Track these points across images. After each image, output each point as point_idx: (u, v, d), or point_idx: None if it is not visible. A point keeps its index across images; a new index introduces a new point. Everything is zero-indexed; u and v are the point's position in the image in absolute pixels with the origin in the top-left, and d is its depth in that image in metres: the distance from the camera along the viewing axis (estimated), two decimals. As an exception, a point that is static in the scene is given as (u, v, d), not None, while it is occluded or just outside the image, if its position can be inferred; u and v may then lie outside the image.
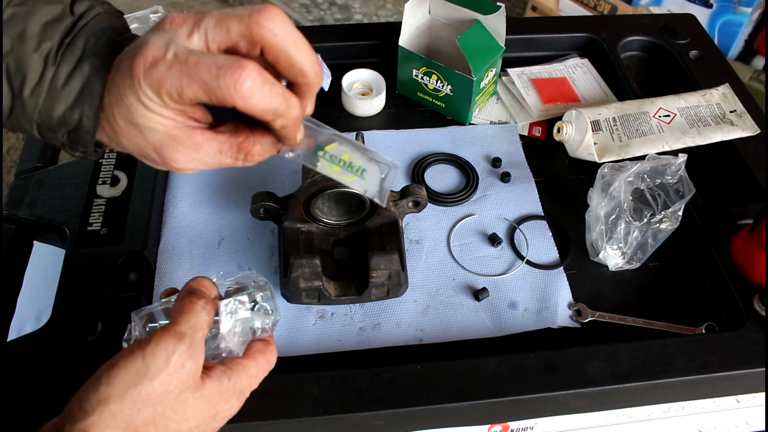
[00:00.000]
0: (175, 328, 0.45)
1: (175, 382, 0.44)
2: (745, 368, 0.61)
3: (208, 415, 0.47)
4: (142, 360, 0.43)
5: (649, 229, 0.69)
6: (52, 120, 0.45)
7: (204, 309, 0.48)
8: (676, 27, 0.99)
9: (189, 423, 0.46)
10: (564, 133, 0.82)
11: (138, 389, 0.43)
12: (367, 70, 0.91)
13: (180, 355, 0.44)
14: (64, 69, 0.44)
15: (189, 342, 0.45)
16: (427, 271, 0.72)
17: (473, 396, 0.59)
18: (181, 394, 0.45)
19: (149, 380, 0.43)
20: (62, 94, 0.44)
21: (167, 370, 0.44)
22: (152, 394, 0.43)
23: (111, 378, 0.43)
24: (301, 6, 2.25)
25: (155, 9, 0.92)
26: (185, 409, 0.45)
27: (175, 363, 0.44)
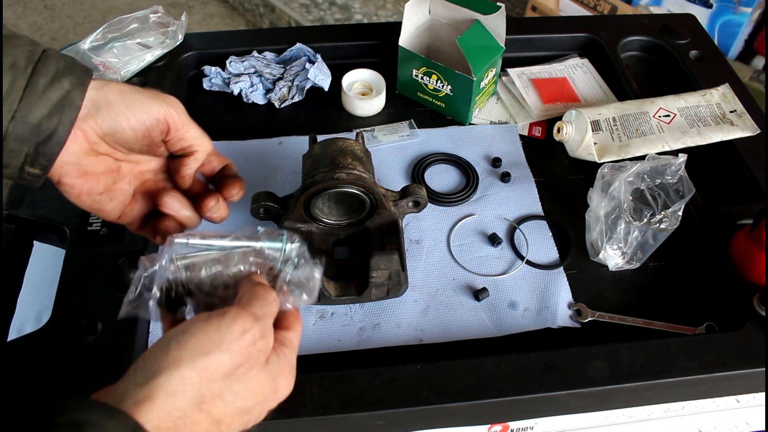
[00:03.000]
0: (251, 309, 0.45)
1: (246, 358, 0.43)
2: (745, 368, 0.61)
3: (270, 390, 0.46)
4: (217, 330, 0.43)
5: (649, 229, 0.69)
6: (26, 127, 0.47)
7: (275, 300, 0.48)
8: (676, 27, 0.99)
9: (254, 399, 0.45)
10: (564, 133, 0.82)
11: (210, 358, 0.42)
12: (367, 70, 0.91)
13: (254, 334, 0.44)
14: (41, 80, 0.48)
15: (264, 324, 0.45)
16: (427, 271, 0.72)
17: (473, 396, 0.59)
18: (251, 371, 0.44)
19: (222, 351, 0.42)
20: (40, 102, 0.47)
21: (240, 345, 0.43)
22: (223, 366, 0.42)
23: (182, 342, 0.42)
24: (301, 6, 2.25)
25: (155, 9, 0.92)
26: (253, 386, 0.45)
27: (249, 339, 0.43)
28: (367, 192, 0.68)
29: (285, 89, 0.89)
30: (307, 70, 0.89)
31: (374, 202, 0.69)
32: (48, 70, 0.48)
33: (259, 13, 2.36)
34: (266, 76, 0.90)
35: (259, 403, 0.46)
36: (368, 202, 0.69)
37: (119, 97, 0.51)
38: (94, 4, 2.45)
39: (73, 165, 0.51)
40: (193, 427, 0.41)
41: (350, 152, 0.70)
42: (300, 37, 0.95)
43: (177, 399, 0.40)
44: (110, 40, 0.88)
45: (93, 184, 0.53)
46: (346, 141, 0.71)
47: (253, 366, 0.44)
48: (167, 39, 0.90)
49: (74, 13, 2.42)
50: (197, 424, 0.41)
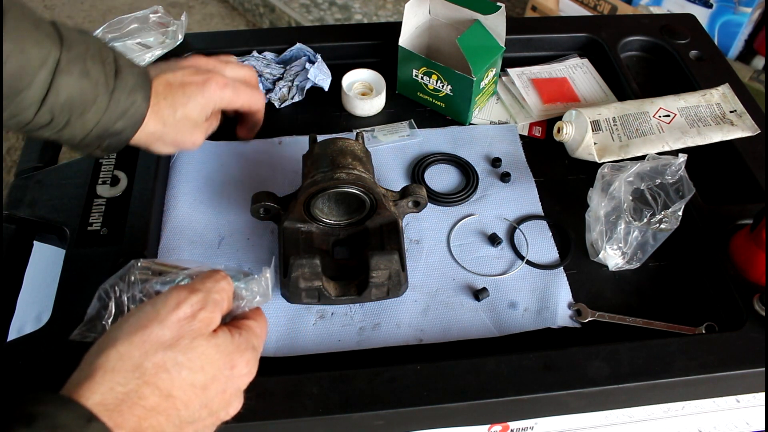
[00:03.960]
0: (191, 285, 0.46)
1: (186, 330, 0.43)
2: (745, 368, 0.62)
3: (224, 365, 0.46)
4: (152, 306, 0.43)
5: (649, 229, 0.69)
6: (104, 131, 0.59)
7: (225, 278, 0.48)
8: (676, 27, 0.99)
9: (204, 373, 0.44)
10: (564, 133, 0.82)
11: (147, 331, 0.42)
12: (367, 70, 0.91)
13: (192, 305, 0.44)
14: (122, 97, 0.59)
15: (203, 296, 0.45)
16: (427, 271, 0.72)
17: (473, 396, 0.59)
18: (194, 341, 0.44)
19: (159, 323, 0.43)
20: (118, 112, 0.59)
21: (177, 316, 0.43)
22: (162, 338, 0.42)
23: (120, 323, 0.43)
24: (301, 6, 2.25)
25: (155, 9, 0.92)
26: (199, 357, 0.44)
27: (186, 311, 0.44)
28: (367, 192, 0.68)
29: (285, 89, 0.89)
30: (307, 70, 0.89)
31: (374, 202, 0.69)
32: (126, 86, 0.59)
33: (259, 13, 2.36)
34: (266, 76, 0.90)
35: (213, 378, 0.45)
36: (368, 202, 0.69)
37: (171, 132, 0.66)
38: (94, 4, 2.45)
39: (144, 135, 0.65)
40: (142, 401, 0.40)
41: (350, 152, 0.70)
42: (300, 37, 0.95)
43: (117, 374, 0.40)
44: (110, 40, 0.88)
45: None
46: (346, 141, 0.71)
47: (196, 337, 0.44)
48: (167, 39, 0.90)
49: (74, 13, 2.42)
50: (145, 398, 0.41)
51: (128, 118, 0.60)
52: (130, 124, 0.60)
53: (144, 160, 0.78)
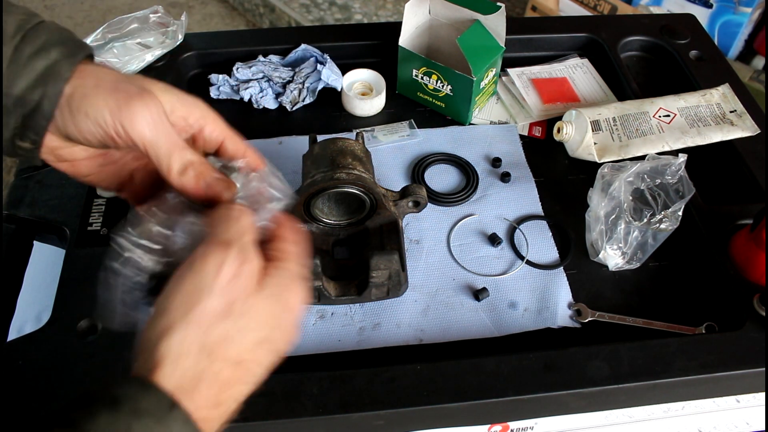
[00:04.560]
0: (218, 238, 0.41)
1: (236, 291, 0.40)
2: (745, 368, 0.62)
3: (280, 311, 0.43)
4: (192, 279, 0.40)
5: (649, 229, 0.69)
6: (9, 99, 0.44)
7: (242, 212, 0.44)
8: (676, 27, 0.99)
9: (267, 325, 0.42)
10: (564, 133, 0.82)
11: (199, 309, 0.39)
12: (367, 70, 0.91)
13: (231, 264, 0.40)
14: (26, 49, 0.44)
15: (238, 247, 0.41)
16: (427, 271, 0.72)
17: (473, 396, 0.59)
18: (248, 301, 0.41)
19: (208, 295, 0.40)
20: (24, 72, 0.44)
21: (221, 282, 0.40)
22: (216, 309, 0.40)
23: (166, 307, 0.40)
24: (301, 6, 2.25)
25: (155, 9, 0.92)
26: (258, 314, 0.41)
27: (228, 273, 0.40)
28: (367, 192, 0.68)
29: (296, 92, 0.89)
30: (319, 72, 0.89)
31: (374, 202, 0.69)
32: (37, 39, 0.45)
33: (259, 13, 2.36)
34: (275, 80, 0.90)
35: (275, 327, 0.43)
36: (368, 202, 0.69)
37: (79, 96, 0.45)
38: (94, 4, 2.45)
39: (48, 154, 0.48)
40: (217, 377, 0.39)
41: (350, 152, 0.70)
42: (300, 38, 0.95)
43: (185, 359, 0.39)
44: (110, 40, 0.88)
45: (76, 170, 0.50)
46: (346, 141, 0.71)
47: (248, 295, 0.41)
48: (167, 39, 0.90)
49: (74, 13, 2.42)
50: (219, 372, 0.39)
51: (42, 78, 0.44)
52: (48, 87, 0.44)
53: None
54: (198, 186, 0.46)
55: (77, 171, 0.51)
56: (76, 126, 0.45)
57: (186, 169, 0.46)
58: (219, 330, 0.40)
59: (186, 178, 0.46)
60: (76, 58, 0.45)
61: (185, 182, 0.46)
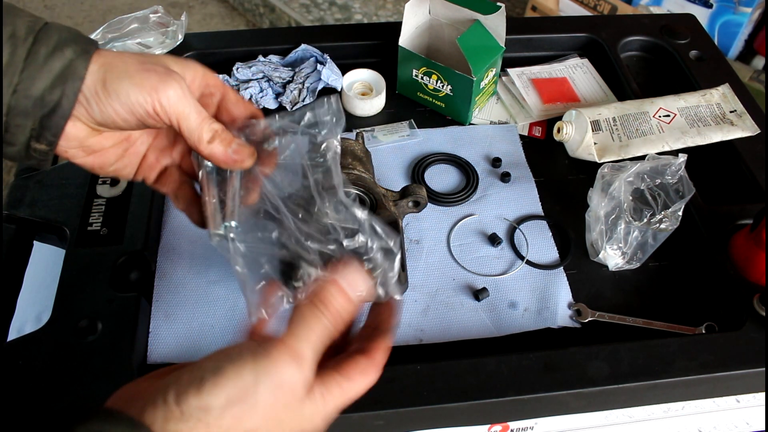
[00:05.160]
0: (295, 346, 0.40)
1: (279, 401, 0.39)
2: (745, 368, 0.62)
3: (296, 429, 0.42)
4: (254, 377, 0.39)
5: (649, 229, 0.69)
6: (29, 100, 0.45)
7: (330, 328, 0.42)
8: (676, 27, 0.99)
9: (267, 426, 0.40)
10: (564, 133, 0.82)
11: (242, 406, 0.38)
12: (367, 70, 0.91)
13: (292, 376, 0.39)
14: (41, 50, 0.45)
15: (307, 364, 0.40)
16: (427, 271, 0.72)
17: (473, 396, 0.59)
18: (281, 410, 0.40)
19: (253, 395, 0.38)
20: (42, 73, 0.45)
21: (274, 391, 0.39)
22: (253, 413, 0.39)
23: (216, 387, 0.38)
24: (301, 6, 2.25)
25: (155, 9, 0.92)
26: (280, 425, 0.40)
27: (285, 384, 0.39)
28: (367, 192, 0.68)
29: (296, 92, 0.89)
30: (319, 72, 0.89)
31: (374, 202, 0.69)
32: (49, 39, 0.45)
33: (259, 13, 2.36)
34: (275, 80, 0.90)
35: None
36: (368, 202, 0.69)
37: (113, 81, 0.47)
38: (94, 4, 2.45)
39: (77, 148, 0.49)
40: None
41: (350, 152, 0.70)
42: (300, 38, 0.95)
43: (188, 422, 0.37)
44: (110, 40, 0.88)
45: (103, 159, 0.51)
46: (346, 141, 0.71)
47: (287, 406, 0.40)
48: (167, 39, 0.90)
49: (74, 13, 2.42)
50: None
51: (60, 77, 0.45)
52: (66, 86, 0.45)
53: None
54: (225, 153, 0.49)
55: (104, 161, 0.52)
56: (115, 109, 0.47)
57: (214, 137, 0.48)
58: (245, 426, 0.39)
59: (214, 146, 0.49)
60: (89, 54, 0.46)
61: (214, 150, 0.49)
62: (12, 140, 0.46)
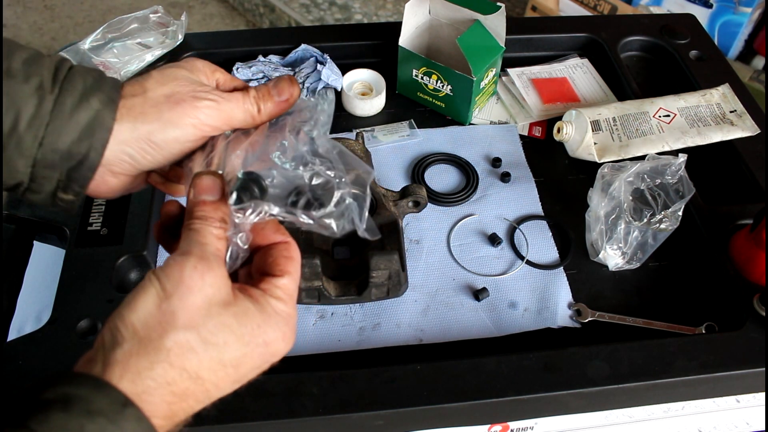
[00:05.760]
0: (181, 249, 0.41)
1: (198, 297, 0.39)
2: (745, 368, 0.61)
3: (254, 342, 0.41)
4: (158, 281, 0.39)
5: (649, 229, 0.69)
6: (56, 154, 0.45)
7: (204, 224, 0.42)
8: (676, 27, 0.99)
9: (232, 348, 0.40)
10: (564, 133, 0.82)
11: (160, 310, 0.38)
12: (367, 70, 0.91)
13: (194, 267, 0.39)
14: (68, 101, 0.44)
15: (199, 254, 0.40)
16: (427, 271, 0.72)
17: (473, 396, 0.59)
18: (210, 310, 0.39)
19: (167, 298, 0.39)
20: (69, 125, 0.44)
21: (184, 284, 0.39)
22: (176, 313, 0.38)
23: (132, 304, 0.39)
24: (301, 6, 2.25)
25: (155, 9, 0.92)
26: (222, 330, 0.39)
27: (191, 276, 0.39)
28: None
29: None
30: (319, 72, 0.89)
31: (374, 202, 0.69)
32: (75, 89, 0.45)
33: (259, 13, 2.36)
34: None
35: (246, 355, 0.41)
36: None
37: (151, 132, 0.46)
38: (94, 4, 2.45)
39: (96, 182, 0.48)
40: (171, 387, 0.38)
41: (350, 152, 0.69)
42: (300, 38, 0.95)
43: (141, 359, 0.38)
44: (110, 40, 0.88)
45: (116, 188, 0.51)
46: (346, 141, 0.71)
47: (212, 304, 0.40)
48: (167, 39, 0.90)
49: (74, 13, 2.42)
50: (174, 383, 0.38)
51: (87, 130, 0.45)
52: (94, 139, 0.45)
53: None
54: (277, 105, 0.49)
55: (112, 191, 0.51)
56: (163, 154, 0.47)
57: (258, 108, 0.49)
58: (178, 336, 0.38)
59: (265, 111, 0.49)
60: (115, 103, 0.46)
61: (269, 113, 0.49)
62: (38, 189, 0.47)
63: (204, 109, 0.47)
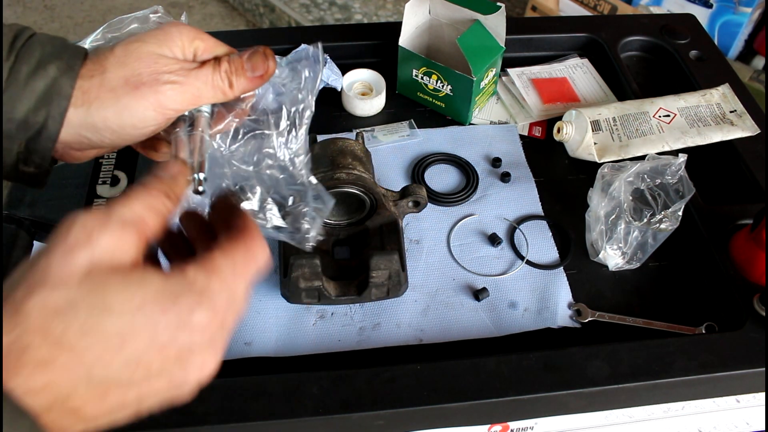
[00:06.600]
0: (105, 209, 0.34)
1: (81, 258, 0.31)
2: (745, 368, 0.61)
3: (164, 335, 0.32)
4: (48, 235, 0.33)
5: (649, 229, 0.69)
6: (12, 124, 0.42)
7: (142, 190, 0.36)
8: (676, 27, 0.99)
9: (118, 318, 0.31)
10: (564, 133, 0.82)
11: (33, 268, 0.31)
12: (367, 70, 0.91)
13: (83, 225, 0.32)
14: (23, 69, 0.42)
15: (102, 216, 0.33)
16: (427, 271, 0.72)
17: (473, 396, 0.59)
18: (93, 273, 0.32)
19: (46, 255, 0.32)
20: (24, 94, 0.42)
21: (66, 243, 0.32)
22: (49, 272, 0.31)
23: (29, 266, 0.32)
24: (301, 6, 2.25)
25: (155, 9, 0.92)
26: (107, 295, 0.31)
27: (77, 234, 0.32)
28: (367, 192, 0.68)
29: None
30: None
31: (374, 202, 0.69)
32: (32, 57, 0.42)
33: (259, 13, 2.36)
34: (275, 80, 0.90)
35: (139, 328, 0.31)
36: (368, 202, 0.69)
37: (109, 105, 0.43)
38: (94, 4, 2.45)
39: (60, 153, 0.46)
40: (28, 353, 0.30)
41: (350, 152, 0.70)
42: (300, 37, 0.94)
43: None
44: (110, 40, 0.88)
45: (86, 157, 0.49)
46: (346, 141, 0.71)
47: (100, 269, 0.32)
48: (167, 39, 0.90)
49: (74, 13, 2.42)
50: (32, 348, 0.30)
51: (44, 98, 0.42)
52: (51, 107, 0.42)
53: (144, 160, 0.77)
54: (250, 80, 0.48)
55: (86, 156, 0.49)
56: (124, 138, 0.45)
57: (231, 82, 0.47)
58: (46, 296, 0.31)
59: (238, 86, 0.48)
60: (74, 71, 0.43)
61: (241, 88, 0.48)
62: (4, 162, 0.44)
63: (166, 92, 0.44)
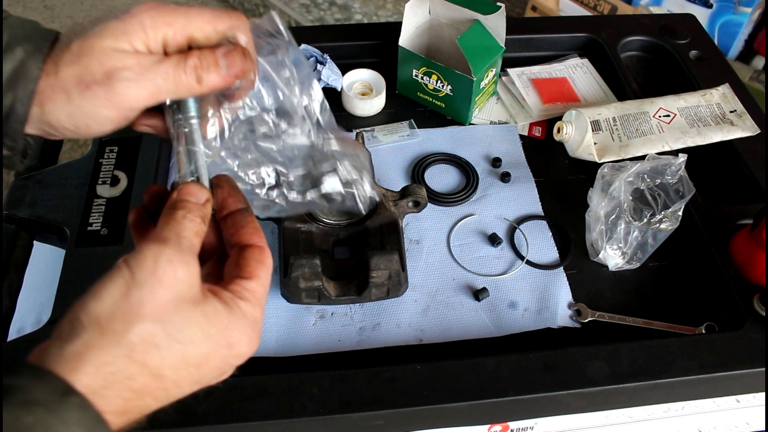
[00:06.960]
0: (157, 235, 0.40)
1: (169, 291, 0.37)
2: (745, 368, 0.62)
3: (219, 343, 0.39)
4: (128, 269, 0.38)
5: (649, 229, 0.69)
6: None
7: (186, 217, 0.41)
8: (676, 27, 0.99)
9: (198, 347, 0.38)
10: (564, 133, 0.82)
11: (127, 300, 0.36)
12: (367, 70, 0.91)
13: (169, 260, 0.38)
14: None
15: (176, 247, 0.39)
16: (427, 271, 0.72)
17: (473, 396, 0.59)
18: (180, 306, 0.38)
19: (137, 287, 0.37)
20: None
21: (156, 276, 0.37)
22: (144, 305, 0.37)
23: (98, 293, 0.37)
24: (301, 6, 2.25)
25: (155, 9, 0.92)
26: (189, 327, 0.38)
27: (164, 267, 0.38)
28: (367, 192, 0.68)
29: None
30: (319, 72, 0.89)
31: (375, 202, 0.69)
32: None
33: (259, 14, 2.36)
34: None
35: (208, 356, 0.39)
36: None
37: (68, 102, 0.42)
38: (94, 4, 2.45)
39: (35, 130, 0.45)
40: (130, 382, 0.36)
41: (350, 152, 0.70)
42: (300, 37, 0.94)
43: (102, 352, 0.35)
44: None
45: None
46: (346, 141, 0.71)
47: (182, 301, 0.38)
48: (167, 39, 0.90)
49: (74, 13, 2.42)
50: (133, 378, 0.36)
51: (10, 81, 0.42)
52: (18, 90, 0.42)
53: (144, 160, 0.78)
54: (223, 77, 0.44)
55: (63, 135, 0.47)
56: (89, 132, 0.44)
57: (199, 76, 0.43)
58: (142, 328, 0.36)
59: (207, 81, 0.43)
60: (42, 53, 0.42)
61: (210, 84, 0.43)
62: None
63: (120, 90, 0.42)
